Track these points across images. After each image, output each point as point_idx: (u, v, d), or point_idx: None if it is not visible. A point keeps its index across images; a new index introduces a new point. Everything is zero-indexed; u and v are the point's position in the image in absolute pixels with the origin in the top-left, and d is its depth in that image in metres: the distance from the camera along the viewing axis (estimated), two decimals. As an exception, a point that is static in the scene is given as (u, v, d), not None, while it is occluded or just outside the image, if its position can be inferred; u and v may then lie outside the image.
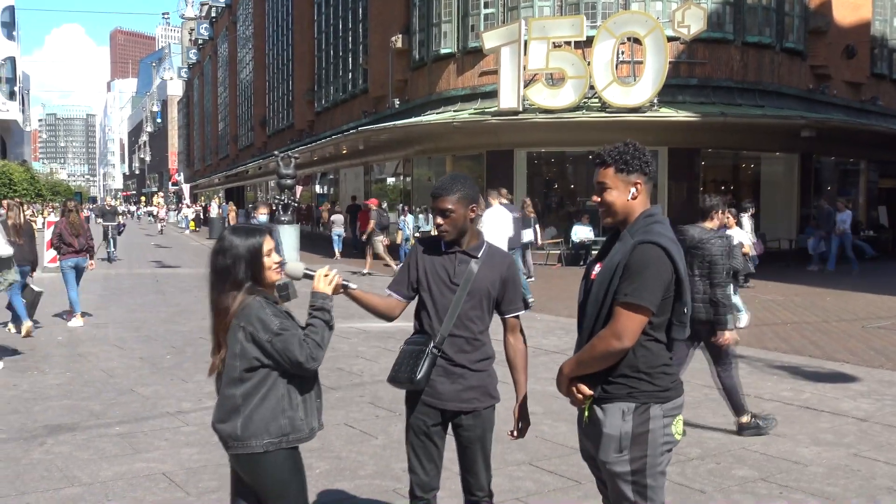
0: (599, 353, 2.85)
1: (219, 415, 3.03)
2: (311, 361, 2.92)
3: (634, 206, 2.95)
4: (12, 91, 58.83)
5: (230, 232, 3.09)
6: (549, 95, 20.85)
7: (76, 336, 10.38)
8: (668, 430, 2.90)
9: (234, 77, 64.54)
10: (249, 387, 2.96)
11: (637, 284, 2.78)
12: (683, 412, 3.01)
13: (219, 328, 3.02)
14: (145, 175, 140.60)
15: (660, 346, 2.91)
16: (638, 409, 2.86)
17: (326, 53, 38.21)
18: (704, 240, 5.96)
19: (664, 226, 2.93)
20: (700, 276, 5.92)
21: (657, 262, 2.80)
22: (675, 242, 2.90)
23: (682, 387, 3.01)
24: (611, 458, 2.89)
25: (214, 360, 3.07)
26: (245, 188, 60.79)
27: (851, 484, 5.07)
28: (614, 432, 2.87)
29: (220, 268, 3.02)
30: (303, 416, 3.02)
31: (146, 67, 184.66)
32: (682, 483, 5.00)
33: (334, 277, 3.13)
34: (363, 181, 33.30)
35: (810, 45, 24.40)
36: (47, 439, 5.87)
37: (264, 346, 2.92)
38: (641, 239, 2.84)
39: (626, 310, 2.79)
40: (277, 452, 2.97)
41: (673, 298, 2.88)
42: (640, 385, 2.86)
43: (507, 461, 5.37)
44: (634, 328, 2.79)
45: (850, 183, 28.28)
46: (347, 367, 8.55)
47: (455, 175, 3.46)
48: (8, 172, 39.83)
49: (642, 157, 2.94)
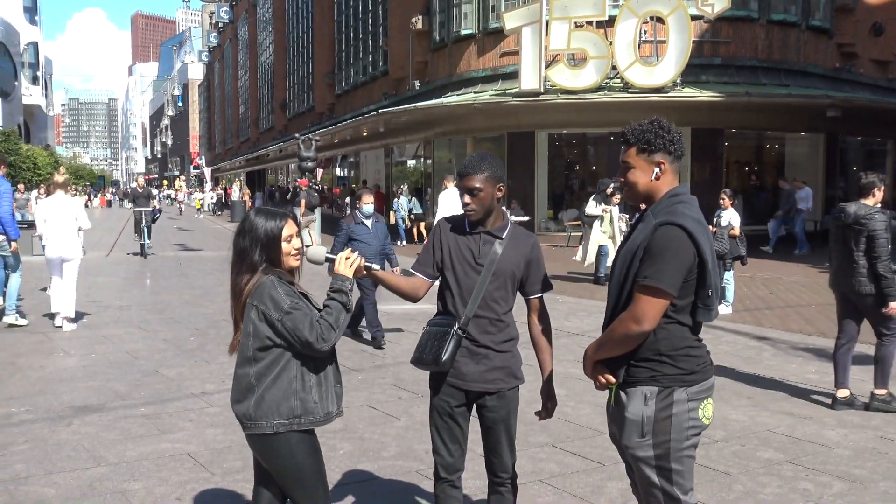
0: (619, 337, 2.80)
1: (234, 394, 3.04)
2: (321, 342, 2.89)
3: (659, 186, 2.86)
4: (35, 76, 59.28)
5: (254, 214, 3.09)
6: (570, 76, 20.70)
7: (100, 318, 10.47)
8: (694, 415, 2.82)
9: (254, 60, 64.62)
10: (262, 367, 2.96)
11: (657, 267, 2.70)
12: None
13: (236, 308, 3.04)
14: (167, 159, 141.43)
15: (682, 329, 2.82)
16: (661, 394, 2.79)
17: (346, 36, 38.13)
18: (866, 216, 6.09)
19: (689, 206, 2.82)
20: (861, 251, 6.07)
21: (678, 244, 2.71)
22: (701, 223, 2.79)
23: (710, 369, 2.91)
24: (633, 442, 2.84)
25: (234, 339, 3.09)
26: (266, 171, 61.00)
27: (879, 466, 5.01)
28: (636, 417, 2.82)
29: (240, 249, 3.03)
30: (316, 399, 2.99)
31: (167, 51, 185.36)
32: (706, 465, 4.96)
33: (356, 260, 3.10)
34: (383, 163, 33.31)
35: (837, 22, 24.01)
36: (74, 420, 5.94)
37: (275, 325, 2.91)
38: (663, 220, 2.75)
39: (645, 294, 2.72)
40: (289, 434, 2.95)
41: (696, 281, 2.77)
42: (662, 368, 2.80)
43: (530, 443, 5.36)
44: (654, 312, 2.72)
45: (877, 163, 27.86)
46: (370, 349, 8.56)
47: (482, 154, 3.40)
48: (32, 157, 40.18)
49: (666, 136, 2.83)
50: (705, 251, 2.74)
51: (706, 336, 2.99)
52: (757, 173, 25.47)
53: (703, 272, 2.76)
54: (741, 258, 10.80)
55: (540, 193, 23.10)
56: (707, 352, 2.94)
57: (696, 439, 2.87)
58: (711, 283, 2.78)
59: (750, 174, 25.31)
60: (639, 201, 2.93)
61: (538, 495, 4.51)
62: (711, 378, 2.92)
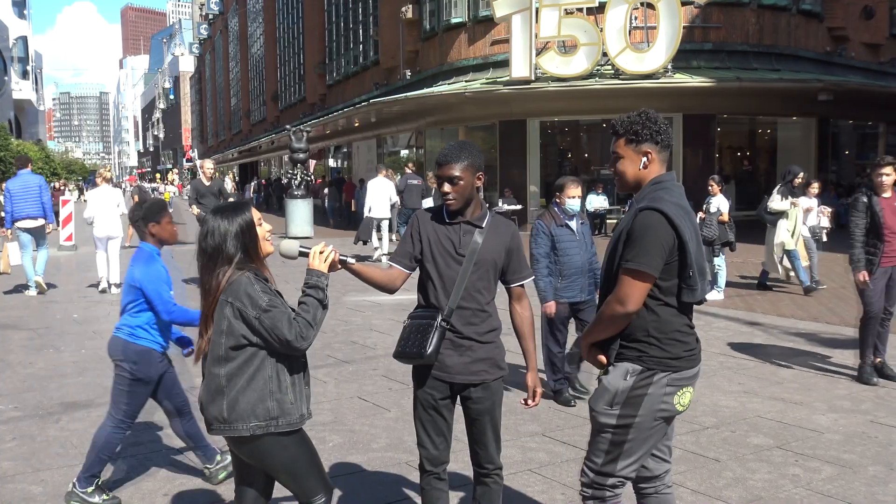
0: (606, 318, 2.92)
1: (204, 395, 2.95)
2: (301, 340, 2.83)
3: (647, 174, 2.99)
4: (25, 70, 58.82)
5: (212, 214, 3.00)
6: (561, 63, 20.64)
7: (91, 314, 10.43)
8: (669, 400, 2.91)
9: (245, 52, 64.34)
10: (234, 366, 2.87)
11: (637, 250, 2.82)
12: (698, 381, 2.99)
13: (208, 309, 2.94)
14: (160, 152, 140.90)
15: (671, 311, 2.91)
16: (643, 374, 2.89)
17: (337, 26, 37.96)
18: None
19: (670, 191, 2.93)
20: None
21: (657, 227, 2.81)
22: (681, 207, 2.89)
23: (696, 358, 2.98)
24: (600, 407, 2.96)
25: (200, 342, 2.99)
26: (259, 163, 60.81)
27: (868, 451, 5.02)
28: (611, 387, 2.93)
29: (211, 249, 2.93)
30: (292, 400, 2.92)
31: (158, 44, 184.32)
32: (696, 452, 4.96)
33: (330, 254, 3.04)
34: (376, 154, 33.22)
35: (827, 6, 23.98)
36: (62, 416, 5.91)
37: (252, 324, 2.84)
38: (643, 206, 2.88)
39: (627, 276, 2.83)
40: (275, 436, 2.89)
41: (678, 263, 2.87)
42: (649, 350, 2.89)
43: (520, 432, 5.36)
44: (636, 294, 2.83)
45: (869, 147, 27.92)
46: (361, 340, 8.55)
47: (462, 142, 3.38)
48: (23, 152, 39.92)
49: (653, 126, 2.95)
50: (684, 233, 2.83)
51: (698, 322, 3.00)
52: (749, 158, 25.47)
53: (683, 254, 2.85)
54: (730, 244, 10.77)
55: (532, 181, 23.07)
56: (697, 340, 3.01)
57: (663, 425, 2.97)
58: (692, 264, 2.86)
59: (742, 159, 25.30)
60: (628, 190, 3.04)
61: (528, 485, 4.50)
62: (696, 367, 2.99)
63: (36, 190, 11.75)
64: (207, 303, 2.95)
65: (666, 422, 2.98)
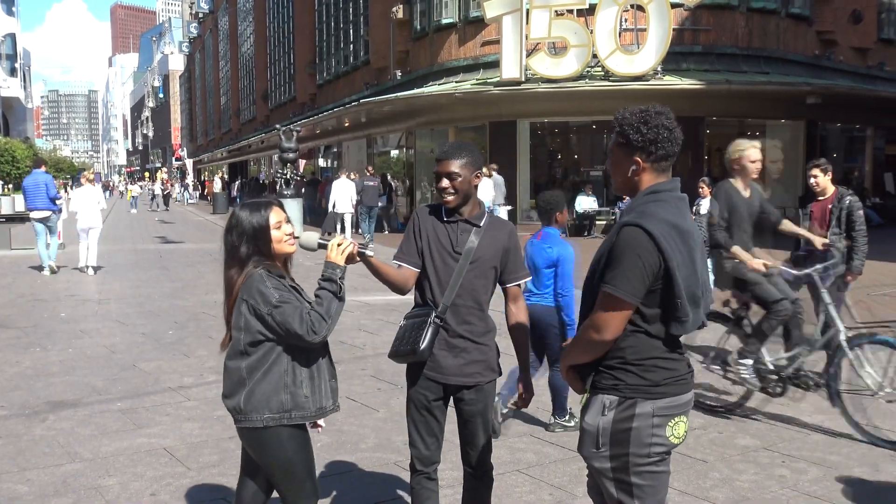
0: (582, 344, 2.62)
1: (225, 387, 3.04)
2: (312, 334, 2.87)
3: (638, 182, 2.62)
4: (13, 68, 58.49)
5: (240, 208, 3.08)
6: (551, 65, 20.65)
7: (79, 313, 10.39)
8: (660, 432, 2.54)
9: (235, 50, 64.10)
10: (254, 360, 2.96)
11: (615, 272, 2.47)
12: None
13: (229, 304, 3.03)
14: (149, 151, 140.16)
15: (651, 339, 2.55)
16: (622, 405, 2.54)
17: (327, 25, 37.87)
18: None
19: (665, 205, 2.55)
20: None
21: (638, 248, 2.45)
22: (674, 225, 2.51)
23: (685, 385, 2.61)
24: (589, 452, 2.62)
25: (226, 336, 3.08)
26: (249, 162, 60.65)
27: (854, 452, 5.05)
28: (591, 427, 2.60)
29: (230, 245, 3.03)
30: (307, 394, 2.98)
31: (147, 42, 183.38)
32: (683, 453, 4.98)
33: (348, 247, 3.05)
34: (366, 154, 33.17)
35: (816, 10, 24.08)
36: (49, 415, 5.88)
37: (265, 319, 2.90)
38: (627, 220, 2.51)
39: (605, 300, 2.50)
40: (280, 429, 2.95)
41: (662, 291, 2.50)
42: (626, 377, 2.55)
43: (508, 433, 5.36)
44: (614, 323, 2.50)
45: (857, 150, 28.07)
46: (350, 340, 8.53)
47: (461, 142, 3.41)
48: (11, 150, 39.64)
49: (647, 134, 2.57)
50: (671, 257, 2.46)
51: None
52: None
53: (669, 281, 2.48)
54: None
55: (522, 182, 23.07)
56: (687, 366, 2.65)
57: (662, 458, 2.59)
58: (681, 294, 2.48)
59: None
60: (623, 193, 2.71)
61: (516, 485, 4.51)
62: (687, 395, 2.62)
63: (43, 187, 14.08)
64: (228, 299, 3.04)
65: (662, 455, 2.59)
